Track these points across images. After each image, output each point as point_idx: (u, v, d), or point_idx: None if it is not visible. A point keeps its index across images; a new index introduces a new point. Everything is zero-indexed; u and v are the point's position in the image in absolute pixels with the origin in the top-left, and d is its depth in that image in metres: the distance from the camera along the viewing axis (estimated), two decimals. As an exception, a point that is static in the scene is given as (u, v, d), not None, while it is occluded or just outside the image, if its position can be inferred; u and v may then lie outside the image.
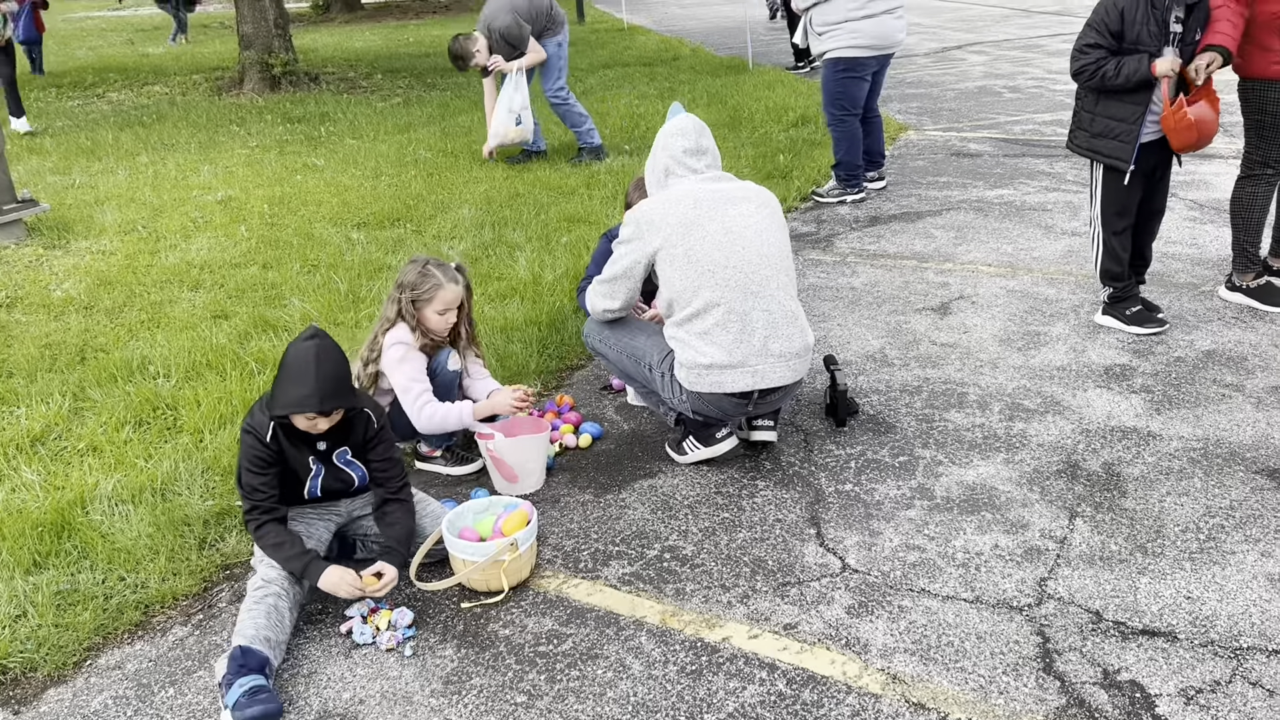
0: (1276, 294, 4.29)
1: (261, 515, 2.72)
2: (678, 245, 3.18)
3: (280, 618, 2.60)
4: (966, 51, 12.10)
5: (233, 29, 14.51)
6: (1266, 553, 2.75)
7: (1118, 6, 3.86)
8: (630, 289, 3.36)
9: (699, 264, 3.16)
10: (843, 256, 5.41)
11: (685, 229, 3.19)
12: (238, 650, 2.47)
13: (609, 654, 2.56)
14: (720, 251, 3.17)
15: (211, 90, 12.71)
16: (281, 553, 2.68)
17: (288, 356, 2.67)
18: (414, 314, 3.30)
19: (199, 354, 4.37)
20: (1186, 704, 2.25)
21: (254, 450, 2.72)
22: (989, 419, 3.57)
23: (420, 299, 3.29)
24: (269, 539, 2.70)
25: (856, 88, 6.09)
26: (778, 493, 3.23)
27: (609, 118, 9.31)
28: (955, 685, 2.36)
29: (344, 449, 2.86)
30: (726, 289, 3.15)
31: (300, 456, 2.80)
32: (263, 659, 2.48)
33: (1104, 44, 3.90)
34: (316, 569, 2.67)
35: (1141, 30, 3.81)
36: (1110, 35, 3.88)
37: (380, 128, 9.64)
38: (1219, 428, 3.40)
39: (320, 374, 2.63)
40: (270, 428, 2.71)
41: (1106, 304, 4.28)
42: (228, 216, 6.67)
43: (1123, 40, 3.87)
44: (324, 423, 2.73)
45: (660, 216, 3.23)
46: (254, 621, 2.55)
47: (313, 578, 2.67)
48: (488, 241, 5.79)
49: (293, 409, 2.64)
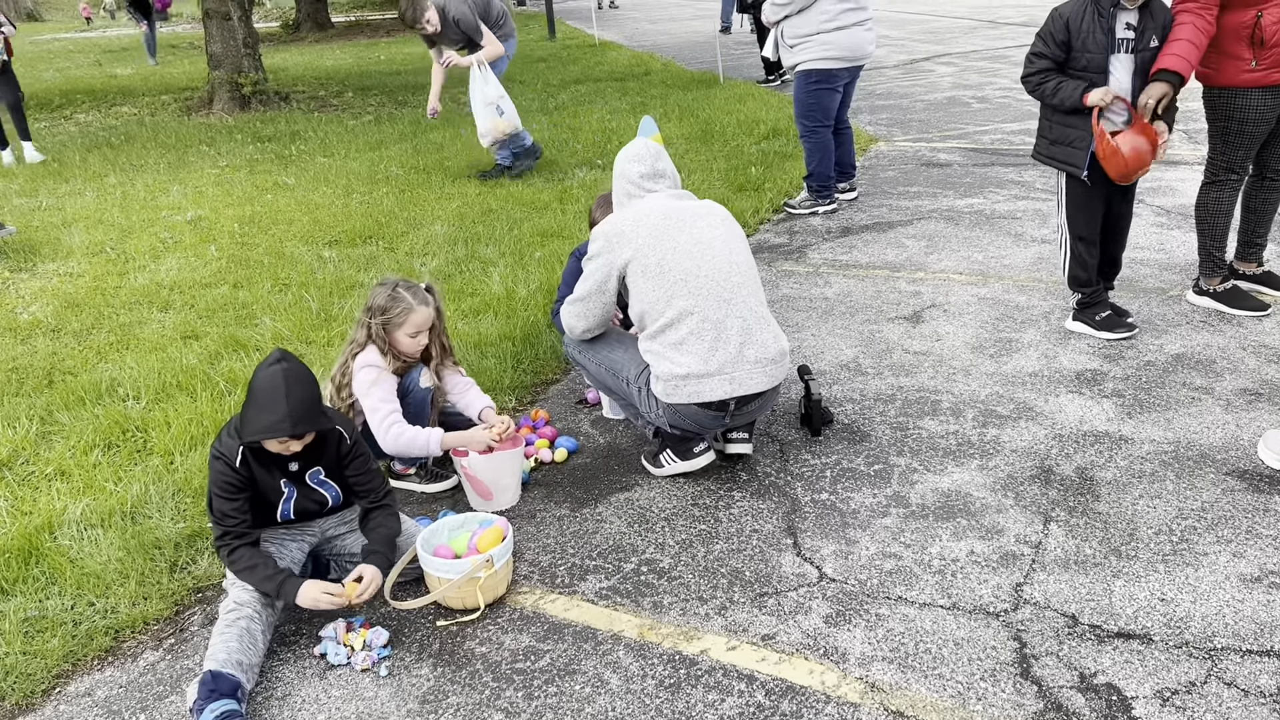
0: (1243, 298, 4.34)
1: (233, 540, 2.68)
2: (650, 255, 3.19)
3: (253, 640, 2.57)
4: (935, 63, 12.22)
5: (201, 49, 14.44)
6: (1238, 553, 2.77)
7: (1064, 16, 3.91)
8: (604, 305, 3.35)
9: (671, 273, 3.17)
10: (815, 267, 5.43)
11: (656, 239, 3.19)
12: (209, 675, 2.44)
13: (587, 669, 2.54)
14: (691, 260, 3.18)
15: (181, 110, 12.64)
16: (255, 575, 2.65)
17: (256, 382, 2.64)
18: (384, 337, 3.27)
19: (169, 375, 4.32)
20: (1163, 705, 2.26)
21: (224, 476, 2.68)
22: (963, 426, 3.59)
23: (391, 323, 3.26)
24: (241, 563, 2.66)
25: (829, 99, 6.13)
26: (754, 503, 3.23)
27: (581, 133, 9.32)
28: (933, 692, 2.36)
29: (316, 469, 2.83)
30: (700, 297, 3.16)
31: (271, 480, 2.76)
32: (234, 683, 2.44)
33: (1049, 54, 3.96)
34: (292, 587, 2.64)
35: (1088, 38, 3.86)
36: (1056, 45, 3.93)
37: (352, 145, 9.60)
38: (1189, 430, 3.43)
39: (291, 398, 2.59)
40: (240, 452, 2.68)
41: (1076, 310, 4.32)
42: (197, 236, 6.61)
43: (1070, 50, 3.91)
44: (296, 445, 2.70)
45: (630, 228, 3.23)
46: (226, 645, 2.52)
47: (289, 596, 2.63)
48: (460, 258, 5.77)
49: (264, 434, 2.61)
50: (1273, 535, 2.83)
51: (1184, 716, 2.23)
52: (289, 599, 2.64)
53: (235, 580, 2.69)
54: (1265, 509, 2.96)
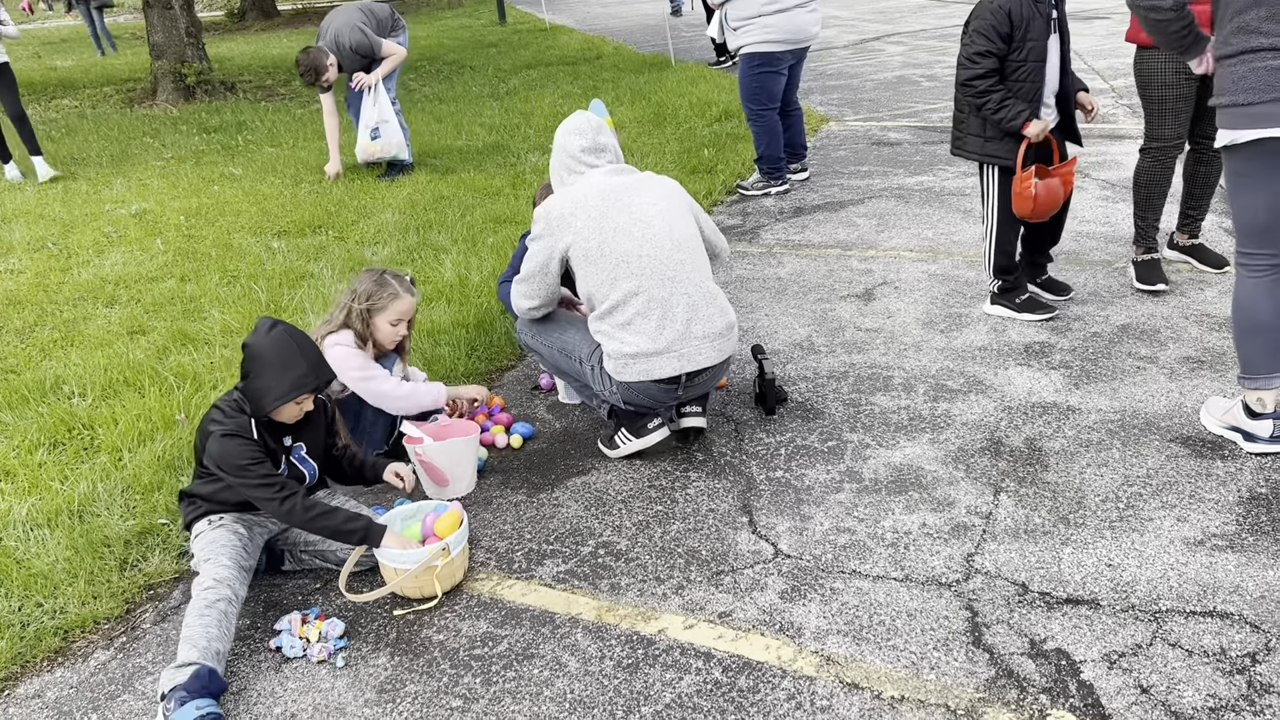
0: (1154, 272, 4.33)
1: (294, 491, 2.69)
2: (590, 240, 3.18)
3: (229, 626, 2.53)
4: (885, 42, 12.28)
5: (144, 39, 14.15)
6: (1182, 518, 2.83)
7: (1004, 8, 3.82)
8: (548, 285, 3.35)
9: (612, 256, 3.17)
10: (768, 248, 5.45)
11: (595, 222, 3.19)
12: (204, 670, 2.38)
13: (545, 653, 2.54)
14: (632, 241, 3.18)
15: (123, 102, 12.38)
16: (334, 519, 2.69)
17: (261, 350, 2.70)
18: (366, 322, 3.29)
19: (115, 371, 4.25)
20: (1110, 668, 2.31)
21: (248, 448, 2.69)
22: (914, 401, 3.63)
23: (375, 308, 3.29)
24: (318, 508, 2.70)
25: (773, 82, 6.14)
26: (710, 483, 3.24)
27: (533, 117, 9.27)
28: (888, 664, 2.39)
29: (299, 445, 2.88)
30: (643, 277, 3.16)
31: (277, 451, 2.82)
32: (223, 687, 2.42)
33: (995, 50, 3.85)
34: (378, 532, 2.72)
35: (1030, 26, 3.83)
36: (1001, 39, 3.84)
37: (300, 135, 9.47)
38: (1135, 399, 3.50)
39: (305, 352, 2.73)
40: (252, 425, 2.72)
41: (994, 294, 4.29)
42: (143, 230, 6.49)
43: (1011, 41, 3.86)
44: (309, 403, 2.81)
45: (569, 212, 3.23)
46: (206, 631, 2.47)
47: (375, 541, 2.72)
48: (412, 245, 5.72)
49: (295, 392, 2.69)
50: (1215, 499, 2.90)
51: (1131, 678, 2.27)
52: (376, 543, 2.72)
53: (209, 557, 2.65)
54: (1208, 474, 3.03)
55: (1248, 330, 3.11)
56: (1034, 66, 3.89)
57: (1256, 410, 3.12)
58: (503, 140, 8.42)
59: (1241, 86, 2.86)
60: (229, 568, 2.62)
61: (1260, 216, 3.00)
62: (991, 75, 3.89)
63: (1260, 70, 2.82)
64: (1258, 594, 2.50)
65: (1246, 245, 3.08)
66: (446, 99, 10.90)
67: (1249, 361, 3.12)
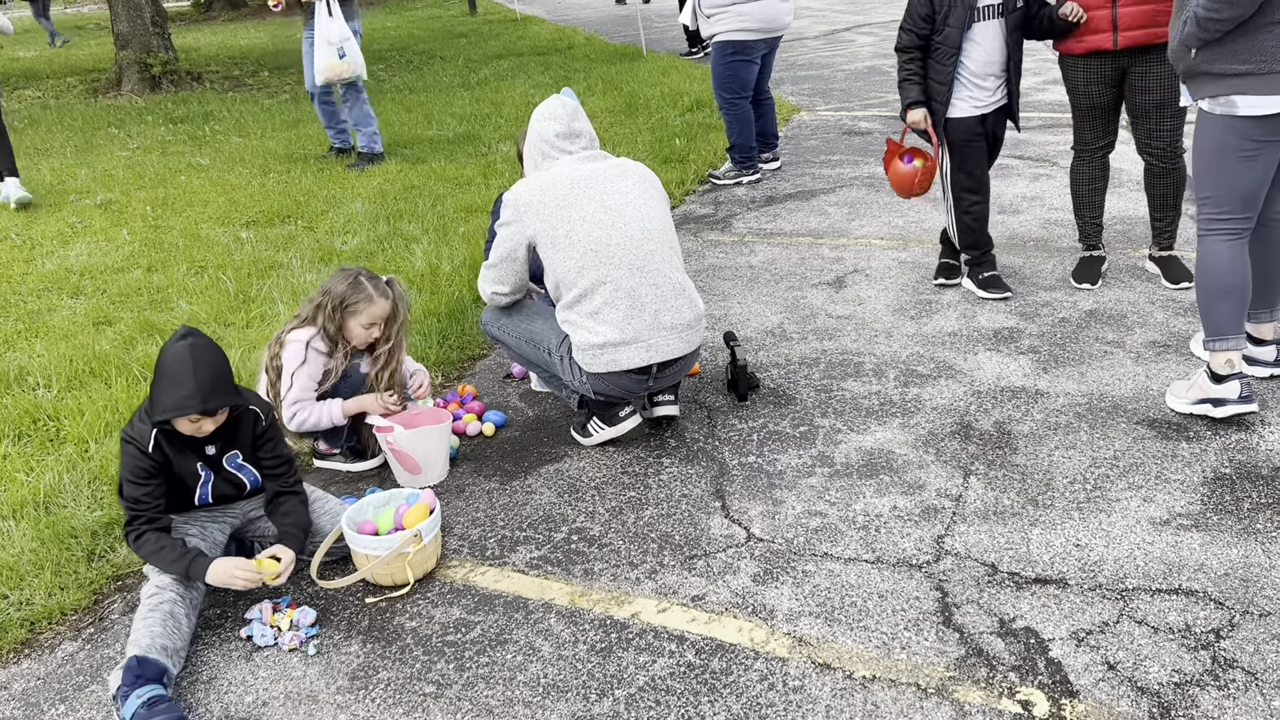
0: (1086, 271, 4.36)
1: (142, 525, 2.61)
2: (558, 228, 3.17)
3: (177, 624, 2.51)
4: (855, 33, 12.32)
5: (108, 29, 13.95)
6: (1148, 498, 2.87)
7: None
8: (516, 272, 3.33)
9: (580, 244, 3.15)
10: (741, 236, 5.46)
11: (563, 211, 3.17)
12: (133, 660, 2.38)
13: (518, 638, 2.54)
14: (601, 229, 3.16)
15: (87, 92, 12.21)
16: (162, 558, 2.58)
17: (164, 359, 2.57)
18: (337, 323, 3.21)
19: (81, 362, 4.19)
20: (1078, 646, 2.34)
21: (135, 461, 2.61)
22: (885, 386, 3.65)
23: (348, 309, 3.21)
24: (148, 548, 2.60)
25: (745, 71, 6.15)
26: (683, 469, 3.25)
27: (504, 107, 9.23)
28: (859, 644, 2.41)
29: (233, 453, 2.77)
30: (611, 266, 3.15)
31: (187, 464, 2.70)
32: (160, 668, 2.39)
33: (914, 28, 4.08)
34: (200, 565, 2.58)
35: (950, 13, 3.98)
36: (921, 19, 4.05)
37: (268, 125, 9.38)
38: (1102, 383, 3.53)
39: (200, 373, 2.53)
40: (153, 436, 2.61)
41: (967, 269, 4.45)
42: (108, 220, 6.41)
43: (933, 22, 4.03)
44: (209, 424, 2.63)
45: (538, 199, 3.21)
46: (149, 630, 2.46)
47: (199, 575, 2.58)
48: (383, 235, 5.68)
49: (174, 412, 2.54)
50: (1180, 480, 2.94)
51: (1098, 655, 2.30)
52: (199, 577, 2.58)
53: None
54: (1173, 455, 3.07)
55: (1219, 292, 3.12)
56: (948, 51, 4.04)
57: (1223, 373, 3.13)
58: (474, 130, 8.39)
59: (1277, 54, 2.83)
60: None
61: (1255, 182, 3.03)
62: (909, 50, 4.14)
63: None
64: (1221, 571, 2.54)
65: (1230, 210, 3.08)
66: (417, 89, 10.83)
67: (1219, 324, 3.13)
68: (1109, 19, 3.84)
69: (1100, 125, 4.15)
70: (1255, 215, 3.12)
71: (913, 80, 4.16)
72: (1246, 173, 3.03)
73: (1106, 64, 3.97)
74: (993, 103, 4.15)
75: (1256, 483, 2.89)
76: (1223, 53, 2.93)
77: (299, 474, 2.88)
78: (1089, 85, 4.05)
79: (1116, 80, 4.00)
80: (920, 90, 4.16)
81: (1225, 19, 2.86)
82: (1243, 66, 2.90)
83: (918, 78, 4.16)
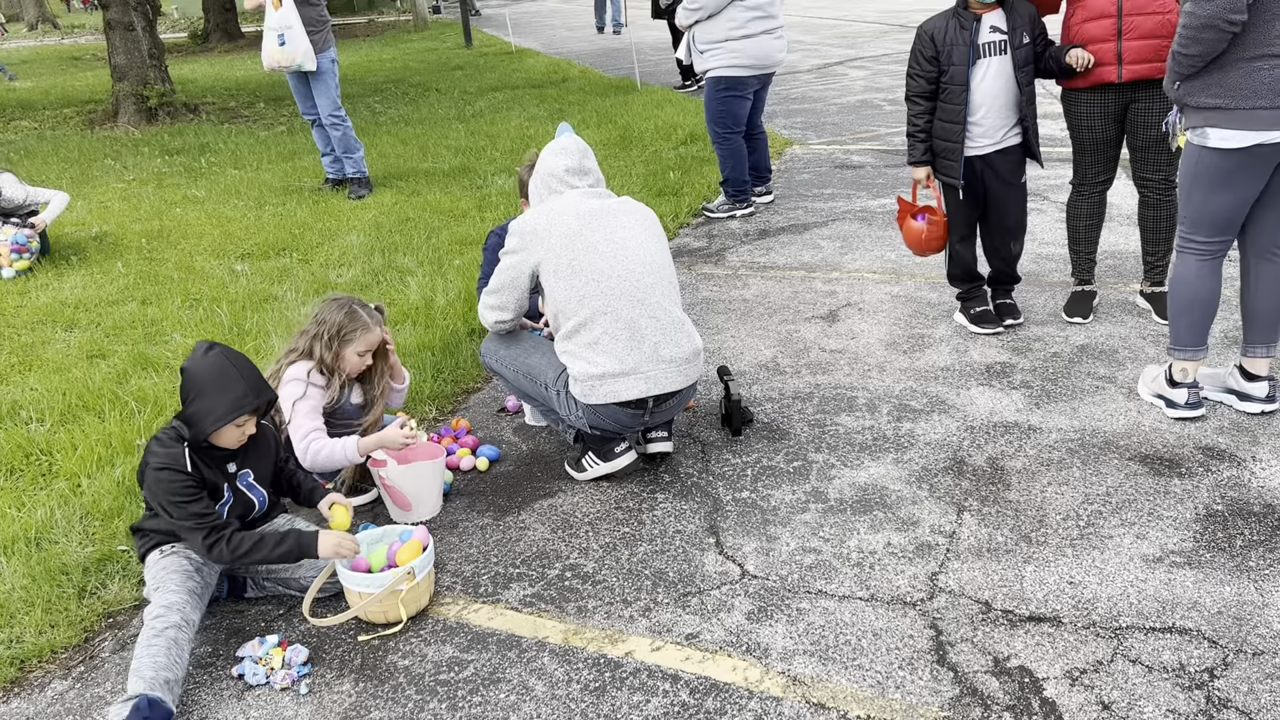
0: (1078, 305, 4.38)
1: (222, 531, 2.66)
2: (562, 256, 3.20)
3: (180, 653, 2.49)
4: (847, 67, 12.43)
5: (105, 60, 14.01)
6: (1141, 535, 2.87)
7: (929, 31, 4.05)
8: (518, 299, 3.36)
9: (584, 273, 3.18)
10: (734, 269, 5.49)
11: (569, 240, 3.21)
12: (144, 701, 2.34)
13: (511, 677, 2.53)
14: (605, 261, 3.19)
15: (83, 124, 12.25)
16: (265, 548, 2.68)
17: (198, 374, 2.67)
18: (334, 352, 3.24)
19: (74, 396, 4.19)
20: (1072, 685, 2.33)
21: (178, 482, 2.65)
22: (878, 421, 3.66)
23: (345, 339, 3.24)
24: (247, 544, 2.67)
25: (738, 106, 6.20)
26: (677, 504, 3.25)
27: (499, 140, 9.29)
28: (853, 683, 2.40)
29: (245, 472, 2.84)
30: (613, 297, 3.17)
31: (217, 479, 2.76)
32: (168, 712, 2.37)
33: (922, 72, 4.09)
34: (310, 540, 2.69)
35: (953, 51, 4.00)
36: (927, 60, 4.07)
37: (264, 157, 9.42)
38: (1094, 418, 3.55)
39: (243, 373, 2.69)
40: (186, 454, 2.66)
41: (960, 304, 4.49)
42: (103, 253, 6.42)
43: (939, 63, 4.04)
44: (252, 425, 2.75)
45: (544, 227, 3.24)
46: (153, 660, 2.43)
47: (311, 550, 2.69)
48: (378, 268, 5.70)
49: (232, 414, 2.65)
50: (1173, 516, 2.95)
51: (1093, 694, 2.30)
52: (313, 552, 2.69)
53: (159, 585, 2.62)
54: (1165, 491, 3.07)
55: (1184, 306, 3.41)
56: (957, 90, 4.04)
57: (1178, 379, 3.46)
58: (469, 163, 8.43)
59: (1261, 90, 3.02)
60: (178, 593, 2.59)
61: (1226, 211, 3.25)
62: (919, 97, 4.16)
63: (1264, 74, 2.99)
64: (1215, 609, 2.54)
65: (1200, 234, 3.33)
66: (412, 121, 10.89)
67: (1179, 335, 3.44)
68: (1114, 52, 3.89)
69: (1102, 160, 4.17)
70: (1230, 239, 3.33)
71: (918, 137, 4.20)
72: (1216, 200, 3.25)
73: (1110, 98, 4.00)
74: (990, 145, 4.12)
75: (1249, 519, 2.90)
76: (1199, 86, 3.15)
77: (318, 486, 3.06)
78: (1092, 120, 4.07)
79: (1120, 114, 4.03)
80: (925, 149, 4.20)
81: (1194, 54, 3.08)
82: (1214, 101, 3.12)
83: (923, 135, 4.18)
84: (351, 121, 7.63)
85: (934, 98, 4.13)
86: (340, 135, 7.48)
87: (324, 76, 7.31)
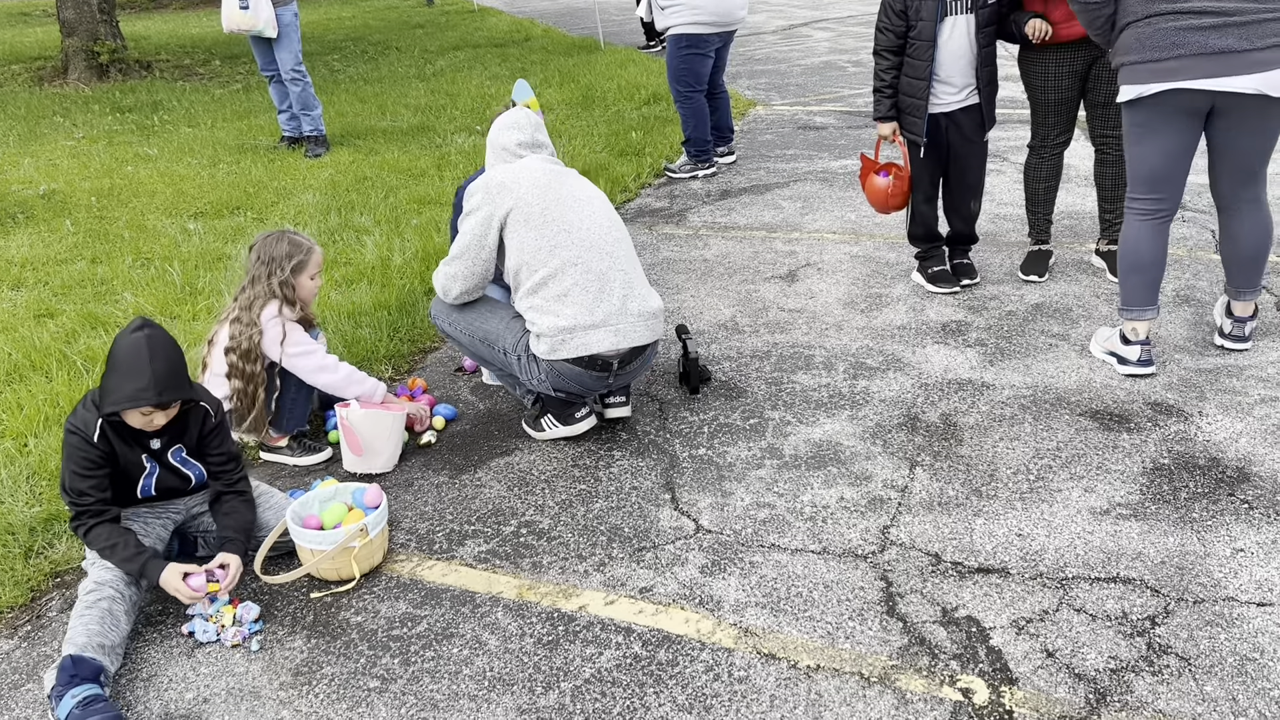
0: (1035, 264, 4.43)
1: (90, 519, 2.57)
2: (533, 204, 3.17)
3: (115, 621, 2.47)
4: (812, 28, 12.38)
5: (54, 16, 13.62)
6: (1089, 489, 2.91)
7: None
8: (483, 262, 3.26)
9: (555, 222, 3.16)
10: (695, 230, 5.47)
11: (539, 190, 3.21)
12: (68, 660, 2.34)
13: (465, 632, 2.53)
14: (574, 213, 3.20)
15: (32, 80, 11.93)
16: (116, 554, 2.54)
17: (117, 349, 2.53)
18: (290, 284, 3.26)
19: (21, 355, 4.11)
20: (1018, 634, 2.37)
21: (80, 451, 2.56)
22: (834, 379, 3.68)
23: (297, 266, 3.28)
24: (101, 541, 2.55)
25: (700, 64, 6.16)
26: (634, 461, 3.25)
27: (460, 99, 9.17)
28: (804, 634, 2.42)
29: (179, 447, 2.73)
30: (583, 248, 3.16)
31: (132, 455, 2.65)
32: (97, 667, 2.35)
33: (891, 26, 4.07)
34: (155, 568, 2.55)
35: (921, 7, 3.98)
36: (896, 15, 4.05)
37: (219, 115, 9.24)
38: (1047, 375, 3.59)
39: (155, 365, 2.50)
40: (98, 425, 2.56)
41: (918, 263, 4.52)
42: (51, 211, 6.28)
43: (908, 17, 4.03)
44: (161, 417, 2.60)
45: (512, 179, 3.22)
46: (86, 628, 2.42)
47: (152, 577, 2.55)
48: (334, 227, 5.62)
49: (128, 404, 2.50)
50: (1120, 470, 2.99)
51: (1038, 643, 2.34)
52: (152, 580, 2.55)
53: (96, 559, 2.58)
54: (1114, 446, 3.12)
55: (1131, 267, 3.50)
56: (924, 46, 4.03)
57: (1130, 338, 3.54)
58: (428, 121, 8.32)
59: (1148, 45, 3.16)
60: (112, 569, 2.55)
61: (1153, 164, 3.35)
62: (888, 51, 4.14)
63: (1165, 30, 3.12)
64: (1158, 560, 2.59)
65: (1137, 191, 3.43)
66: (371, 80, 10.72)
67: (1128, 295, 3.52)
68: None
69: (1061, 120, 4.18)
70: (1166, 197, 3.40)
71: (884, 93, 4.19)
72: (1139, 153, 3.38)
73: (1078, 54, 3.99)
74: (955, 102, 4.12)
75: (1194, 472, 2.95)
76: (1117, 49, 3.31)
77: (245, 471, 2.84)
78: (1058, 79, 4.07)
79: (1084, 71, 4.04)
80: (891, 105, 4.19)
81: (1084, 18, 3.35)
82: (1121, 59, 3.30)
83: (890, 90, 4.17)
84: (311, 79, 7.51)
85: (901, 53, 4.11)
86: (299, 91, 7.36)
87: (287, 31, 7.17)
